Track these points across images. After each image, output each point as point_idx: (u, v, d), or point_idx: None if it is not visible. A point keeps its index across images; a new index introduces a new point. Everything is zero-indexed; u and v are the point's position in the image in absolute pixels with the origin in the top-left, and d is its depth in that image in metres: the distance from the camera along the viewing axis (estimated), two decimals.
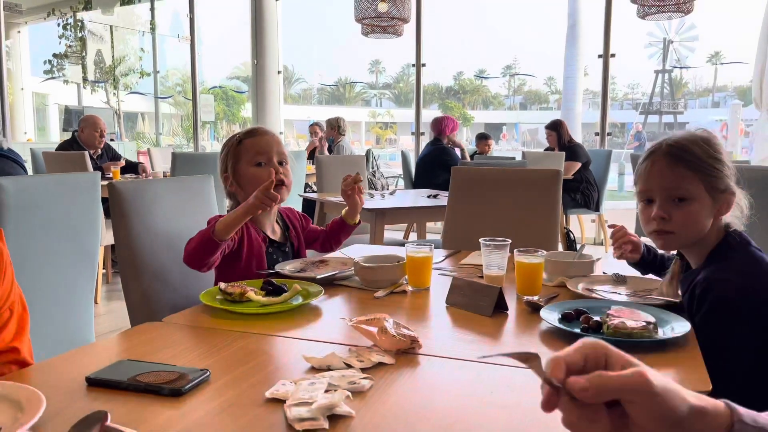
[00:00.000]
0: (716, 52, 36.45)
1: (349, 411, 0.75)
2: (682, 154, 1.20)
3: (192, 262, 1.47)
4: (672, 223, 1.21)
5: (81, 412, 0.72)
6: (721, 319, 1.12)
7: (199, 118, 8.51)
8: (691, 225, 1.21)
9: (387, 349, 0.98)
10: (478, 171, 2.28)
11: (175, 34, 9.32)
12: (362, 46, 41.19)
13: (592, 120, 5.94)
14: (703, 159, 1.19)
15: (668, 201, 1.21)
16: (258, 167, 1.64)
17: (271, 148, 1.66)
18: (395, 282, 1.43)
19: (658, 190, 1.22)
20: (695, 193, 1.19)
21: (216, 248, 1.44)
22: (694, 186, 1.19)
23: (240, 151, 1.65)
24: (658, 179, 1.22)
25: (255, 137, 1.67)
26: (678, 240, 1.25)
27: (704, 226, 1.22)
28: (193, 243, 1.46)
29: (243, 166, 1.65)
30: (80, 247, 1.89)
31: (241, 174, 1.65)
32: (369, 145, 27.23)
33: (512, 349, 1.06)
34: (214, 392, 0.83)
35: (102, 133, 4.72)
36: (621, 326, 1.02)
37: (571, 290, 1.36)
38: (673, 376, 0.91)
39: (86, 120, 4.76)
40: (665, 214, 1.21)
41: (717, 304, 1.13)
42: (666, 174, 1.21)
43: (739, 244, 1.22)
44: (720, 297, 1.13)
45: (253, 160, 1.64)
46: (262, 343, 1.06)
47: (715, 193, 1.20)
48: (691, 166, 1.19)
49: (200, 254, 1.45)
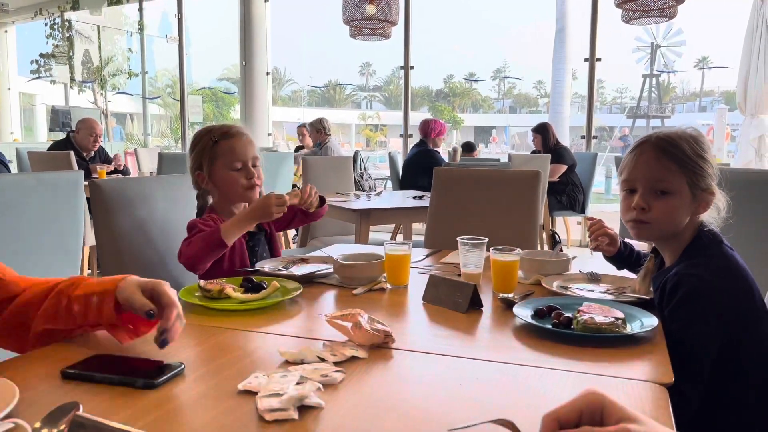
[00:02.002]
0: (703, 57, 36.86)
1: (319, 402, 0.77)
2: (670, 148, 1.23)
3: (194, 264, 1.49)
4: (650, 214, 1.24)
5: (54, 404, 0.73)
6: (689, 313, 1.15)
7: (187, 118, 8.49)
8: (668, 218, 1.24)
9: (361, 344, 0.99)
10: (460, 172, 2.31)
11: (163, 35, 9.29)
12: (352, 48, 41.28)
13: (580, 123, 6.01)
14: (689, 156, 1.22)
15: (650, 192, 1.24)
16: (234, 171, 1.67)
17: (246, 152, 1.69)
18: (374, 280, 1.44)
19: (641, 180, 1.25)
20: (677, 188, 1.22)
21: (222, 251, 1.49)
22: (677, 180, 1.22)
23: (216, 153, 1.67)
24: (643, 170, 1.25)
25: (231, 140, 1.68)
26: (653, 232, 1.27)
27: (681, 222, 1.25)
28: (196, 246, 1.47)
29: (219, 168, 1.67)
30: (63, 246, 1.89)
31: (217, 176, 1.68)
32: (359, 147, 27.23)
33: (488, 354, 1.08)
34: (188, 385, 0.85)
35: (96, 137, 4.75)
36: (590, 322, 1.05)
37: (546, 288, 1.38)
38: (639, 369, 0.93)
39: (83, 122, 4.80)
40: (645, 205, 1.24)
41: (686, 299, 1.16)
42: (652, 165, 1.24)
43: (712, 242, 1.25)
44: (689, 292, 1.16)
45: (230, 164, 1.67)
46: (238, 338, 1.07)
47: (696, 191, 1.23)
48: (676, 161, 1.22)
49: (205, 257, 1.48)
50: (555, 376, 0.90)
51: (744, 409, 1.16)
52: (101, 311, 0.96)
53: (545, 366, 0.93)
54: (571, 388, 0.85)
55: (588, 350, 1.00)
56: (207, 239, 1.47)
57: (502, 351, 1.02)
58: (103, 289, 0.97)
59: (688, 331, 1.13)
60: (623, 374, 0.90)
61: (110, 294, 0.96)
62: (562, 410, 0.54)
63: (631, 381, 0.87)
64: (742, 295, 1.18)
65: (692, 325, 1.14)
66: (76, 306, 0.97)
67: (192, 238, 1.50)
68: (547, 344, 1.03)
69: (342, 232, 3.71)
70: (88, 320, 0.98)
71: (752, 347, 1.17)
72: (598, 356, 0.97)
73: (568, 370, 0.92)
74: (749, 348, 1.17)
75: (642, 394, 0.82)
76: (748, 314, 1.18)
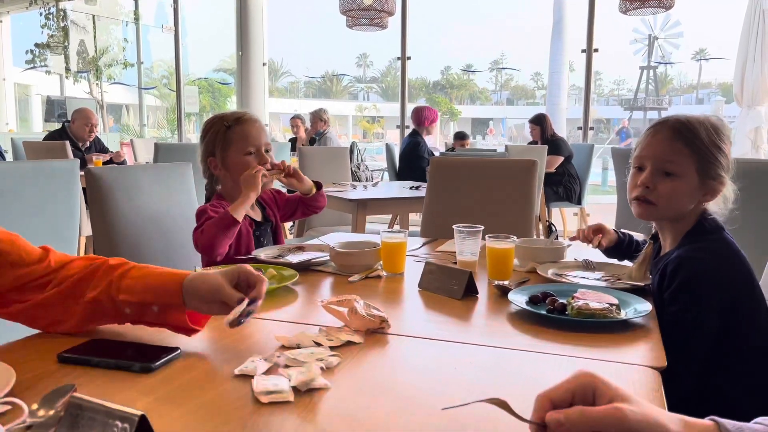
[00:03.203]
0: (701, 49, 36.82)
1: (326, 383, 0.77)
2: (685, 131, 1.22)
3: (212, 247, 1.51)
4: (655, 194, 1.24)
5: (51, 387, 0.74)
6: (687, 297, 1.16)
7: (184, 109, 8.46)
8: (671, 201, 1.24)
9: (356, 329, 1.00)
10: (456, 161, 2.31)
11: (159, 25, 9.24)
12: (349, 39, 41.11)
13: (577, 115, 6.00)
14: (704, 142, 1.21)
15: (657, 172, 1.24)
16: (248, 156, 1.70)
17: (260, 137, 1.72)
18: (370, 267, 1.45)
19: (651, 158, 1.25)
20: (684, 171, 1.21)
21: (236, 228, 1.53)
22: (685, 164, 1.21)
23: (230, 138, 1.69)
24: (655, 149, 1.25)
25: (244, 125, 1.71)
26: (655, 212, 1.27)
27: (685, 206, 1.24)
28: (211, 229, 1.50)
29: (232, 153, 1.70)
30: (58, 234, 1.89)
31: (231, 161, 1.70)
32: (356, 139, 27.18)
33: (482, 339, 1.09)
34: (185, 369, 0.85)
35: (92, 128, 4.74)
36: (584, 307, 1.05)
37: (542, 275, 1.39)
38: (633, 354, 0.94)
39: (78, 112, 4.78)
40: (650, 183, 1.24)
41: (685, 282, 1.16)
42: (664, 145, 1.23)
43: (713, 229, 1.25)
44: (689, 275, 1.17)
45: (244, 149, 1.70)
46: None
47: (705, 178, 1.22)
48: (689, 145, 1.21)
49: (222, 238, 1.51)
50: (549, 361, 0.90)
51: (737, 389, 1.17)
52: (166, 320, 0.94)
53: (540, 351, 0.94)
54: (565, 372, 0.84)
55: (582, 335, 1.00)
56: (219, 221, 1.51)
57: (497, 336, 1.03)
58: (164, 303, 0.93)
59: (687, 314, 1.14)
60: (617, 358, 0.91)
61: (177, 306, 0.93)
62: (555, 391, 0.55)
63: (625, 365, 0.88)
64: (741, 281, 1.19)
65: (691, 308, 1.15)
66: (128, 309, 0.94)
67: (203, 226, 1.53)
68: (541, 330, 1.04)
69: (339, 222, 3.71)
70: (143, 321, 0.96)
71: (748, 332, 1.18)
72: (592, 341, 0.98)
73: (563, 354, 0.92)
74: (745, 333, 1.18)
75: (635, 378, 0.83)
76: (747, 300, 1.19)
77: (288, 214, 1.89)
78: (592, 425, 0.51)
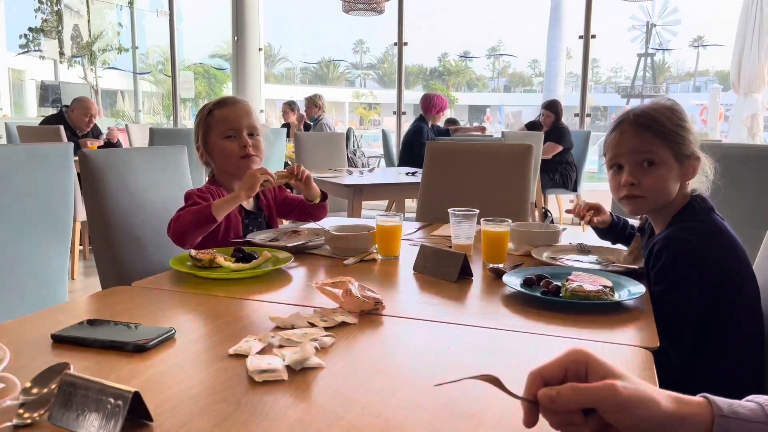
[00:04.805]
0: (699, 36, 36.67)
1: (320, 362, 0.78)
2: (648, 122, 1.23)
3: (182, 238, 1.45)
4: (641, 188, 1.25)
5: (45, 365, 0.74)
6: (673, 275, 1.17)
7: (179, 95, 8.40)
8: (659, 189, 1.25)
9: (351, 310, 1.00)
10: (452, 146, 2.30)
11: (154, 9, 9.15)
12: (346, 25, 40.83)
13: (574, 103, 5.98)
14: (668, 126, 1.23)
15: (637, 166, 1.24)
16: (227, 140, 1.64)
17: (240, 120, 1.65)
18: (365, 251, 1.45)
19: (627, 155, 1.26)
20: (663, 158, 1.23)
21: (211, 226, 1.44)
22: (661, 151, 1.23)
23: (210, 123, 1.66)
24: (627, 144, 1.25)
25: (224, 108, 1.67)
26: (647, 204, 1.28)
27: (672, 190, 1.26)
28: (186, 220, 1.44)
29: (213, 137, 1.65)
30: (53, 218, 1.88)
31: (212, 145, 1.66)
32: (353, 126, 27.08)
33: (475, 320, 1.09)
34: (179, 348, 0.85)
35: (92, 117, 4.69)
36: (578, 289, 1.06)
37: (536, 258, 1.39)
38: (626, 334, 0.94)
39: (78, 101, 4.71)
40: (634, 180, 1.24)
41: (671, 261, 1.17)
42: (635, 140, 1.24)
43: (703, 209, 1.26)
44: (675, 254, 1.18)
45: (223, 132, 1.64)
46: (229, 305, 1.08)
47: (681, 159, 1.24)
48: (657, 134, 1.23)
49: (195, 231, 1.44)
50: (543, 341, 0.91)
51: (725, 367, 1.18)
52: None
53: (533, 332, 0.95)
54: (559, 352, 0.85)
55: (576, 317, 1.01)
56: (197, 214, 1.44)
57: (491, 318, 1.03)
58: None
59: (673, 293, 1.15)
60: (610, 339, 0.91)
61: None
62: (547, 367, 0.55)
63: (618, 345, 0.88)
64: (728, 260, 1.20)
65: (676, 287, 1.16)
66: None
67: (181, 212, 1.48)
68: (535, 312, 1.04)
69: (335, 208, 3.70)
70: None
71: (736, 310, 1.19)
72: (585, 323, 0.99)
73: (556, 335, 0.93)
74: (733, 311, 1.19)
75: (628, 357, 0.84)
76: (734, 278, 1.20)
77: (284, 213, 1.82)
78: (585, 401, 0.51)
